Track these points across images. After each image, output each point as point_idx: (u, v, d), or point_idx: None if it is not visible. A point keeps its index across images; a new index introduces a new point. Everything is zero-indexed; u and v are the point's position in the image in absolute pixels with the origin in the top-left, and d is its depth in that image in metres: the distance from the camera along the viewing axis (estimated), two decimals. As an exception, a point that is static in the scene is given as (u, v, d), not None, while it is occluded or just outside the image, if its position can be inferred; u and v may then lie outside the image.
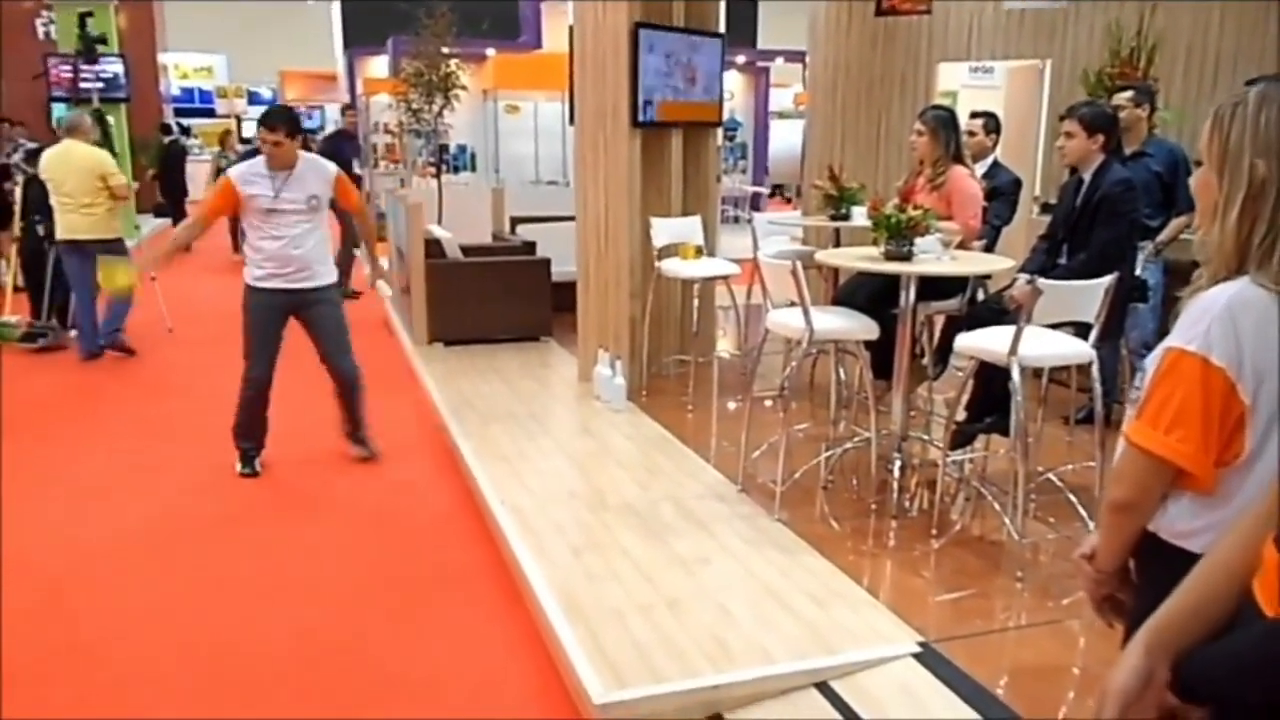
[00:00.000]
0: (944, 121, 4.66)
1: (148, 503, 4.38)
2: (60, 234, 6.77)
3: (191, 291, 9.70)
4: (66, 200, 6.73)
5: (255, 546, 3.96)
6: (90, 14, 12.33)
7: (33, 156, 7.72)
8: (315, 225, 4.51)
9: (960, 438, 4.26)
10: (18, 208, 7.54)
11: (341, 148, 9.48)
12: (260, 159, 4.48)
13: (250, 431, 4.69)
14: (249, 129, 20.73)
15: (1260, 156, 1.43)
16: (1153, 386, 1.48)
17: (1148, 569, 1.58)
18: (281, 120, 4.41)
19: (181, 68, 20.02)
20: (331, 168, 4.61)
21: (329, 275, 4.63)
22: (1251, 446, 1.43)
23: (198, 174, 14.30)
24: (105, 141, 8.29)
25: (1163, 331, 1.61)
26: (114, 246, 6.78)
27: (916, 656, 2.89)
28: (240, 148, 12.37)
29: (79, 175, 6.69)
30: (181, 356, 7.21)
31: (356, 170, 9.89)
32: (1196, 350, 1.41)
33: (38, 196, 7.20)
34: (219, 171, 10.38)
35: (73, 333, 7.53)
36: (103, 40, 12.49)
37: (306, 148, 7.95)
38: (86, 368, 6.82)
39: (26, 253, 7.58)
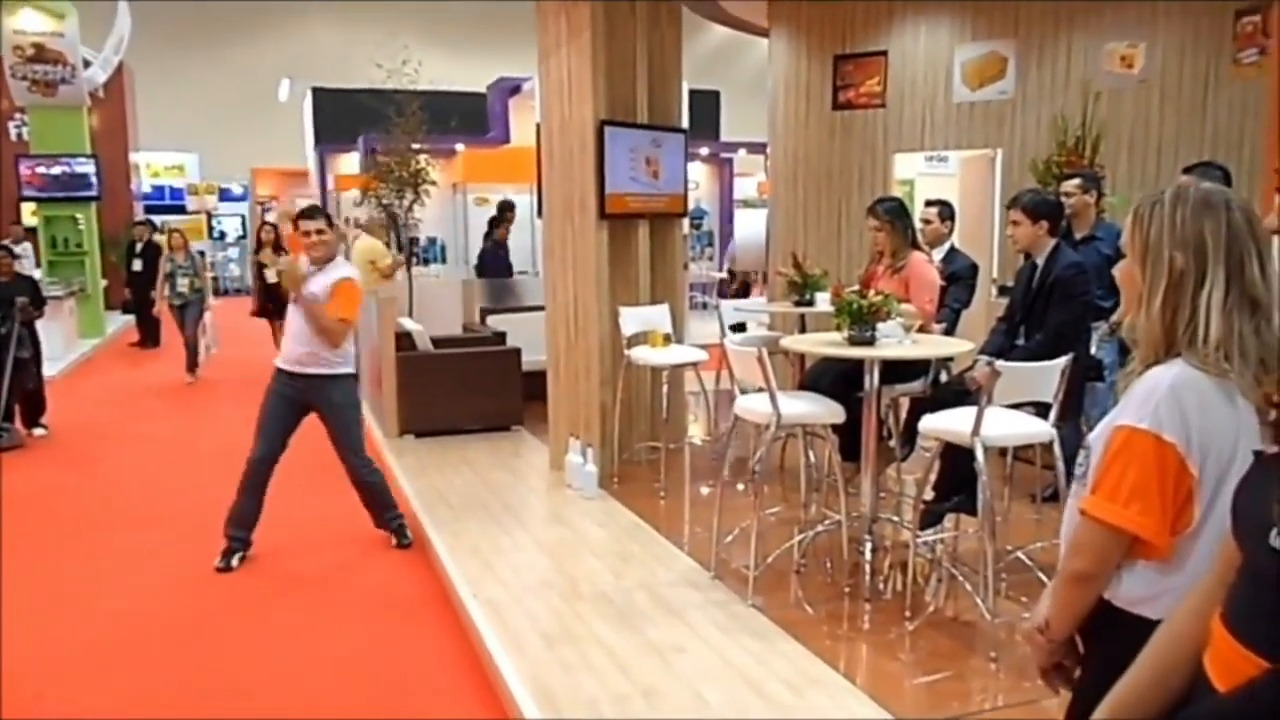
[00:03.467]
0: (896, 211, 4.84)
1: (114, 601, 4.29)
2: None
3: (142, 390, 9.66)
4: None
5: (223, 645, 3.88)
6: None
7: None
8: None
9: (929, 517, 4.30)
10: None
11: (499, 258, 9.88)
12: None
13: (239, 518, 4.66)
14: (231, 222, 20.94)
15: (1178, 250, 1.56)
16: (1108, 462, 1.56)
17: (1102, 637, 1.63)
18: (320, 211, 4.81)
19: (153, 166, 20.14)
20: (348, 270, 4.78)
21: (334, 367, 4.66)
22: (1199, 515, 1.52)
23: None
24: (395, 235, 10.05)
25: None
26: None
27: (894, 741, 2.88)
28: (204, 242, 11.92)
29: (359, 260, 8.36)
30: (133, 454, 7.14)
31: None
32: (1148, 428, 1.51)
33: (1, 294, 7.16)
34: (169, 276, 9.91)
35: (38, 431, 7.45)
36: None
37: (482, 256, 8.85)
38: (48, 466, 6.73)
39: None
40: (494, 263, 10.06)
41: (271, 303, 9.69)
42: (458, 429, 6.89)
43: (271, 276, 9.44)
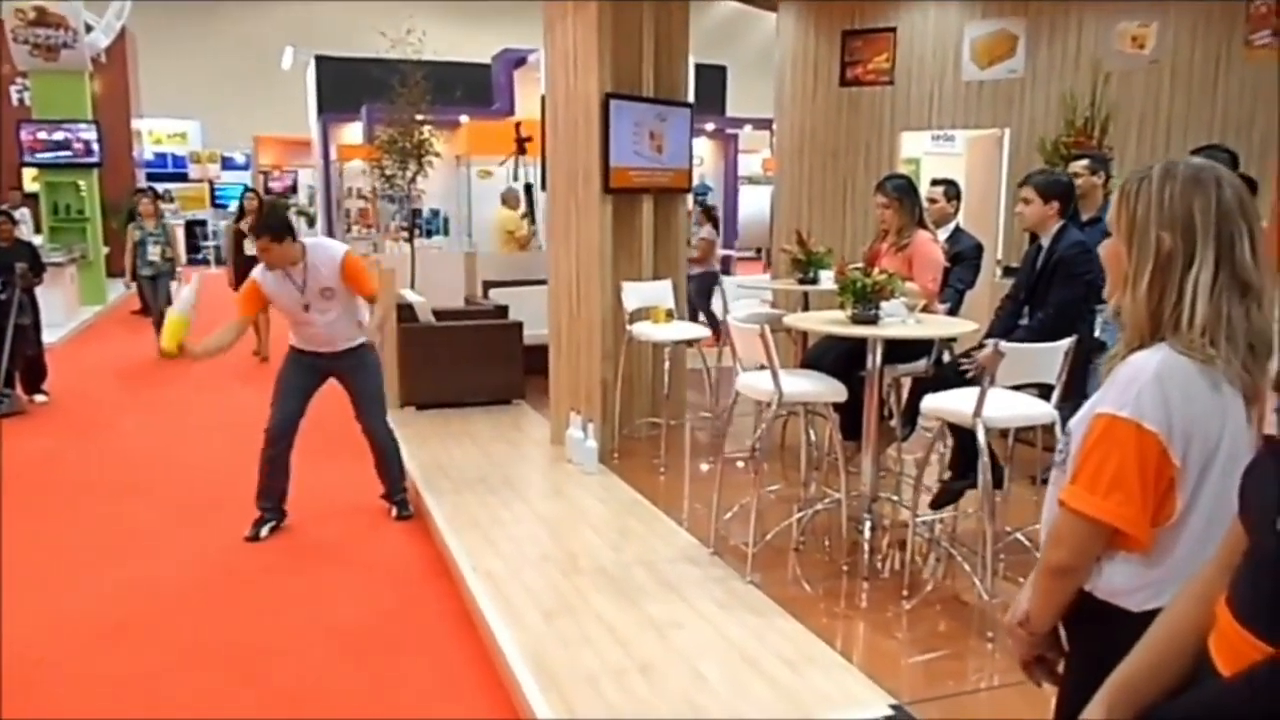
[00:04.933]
0: (905, 189, 4.80)
1: (115, 568, 4.31)
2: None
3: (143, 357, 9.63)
4: (499, 248, 9.91)
5: (222, 615, 3.89)
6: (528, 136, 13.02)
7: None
8: (335, 308, 4.57)
9: (946, 495, 4.29)
10: None
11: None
12: None
13: (263, 490, 4.68)
14: (224, 191, 20.82)
15: (1165, 229, 1.49)
16: (1087, 451, 1.50)
17: (1082, 629, 1.60)
18: (264, 229, 4.44)
19: (155, 133, 20.07)
20: (337, 251, 4.59)
21: (355, 340, 4.69)
22: (1182, 506, 1.47)
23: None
24: (530, 208, 10.62)
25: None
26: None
27: (889, 719, 2.89)
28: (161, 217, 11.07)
29: (498, 230, 9.70)
30: (134, 421, 7.15)
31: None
32: (1129, 416, 1.45)
33: (1, 260, 7.14)
34: (135, 245, 9.60)
35: (39, 398, 7.45)
36: (530, 138, 13.14)
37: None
38: (49, 433, 6.73)
39: None
40: None
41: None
42: (459, 402, 6.89)
43: (250, 249, 9.30)
